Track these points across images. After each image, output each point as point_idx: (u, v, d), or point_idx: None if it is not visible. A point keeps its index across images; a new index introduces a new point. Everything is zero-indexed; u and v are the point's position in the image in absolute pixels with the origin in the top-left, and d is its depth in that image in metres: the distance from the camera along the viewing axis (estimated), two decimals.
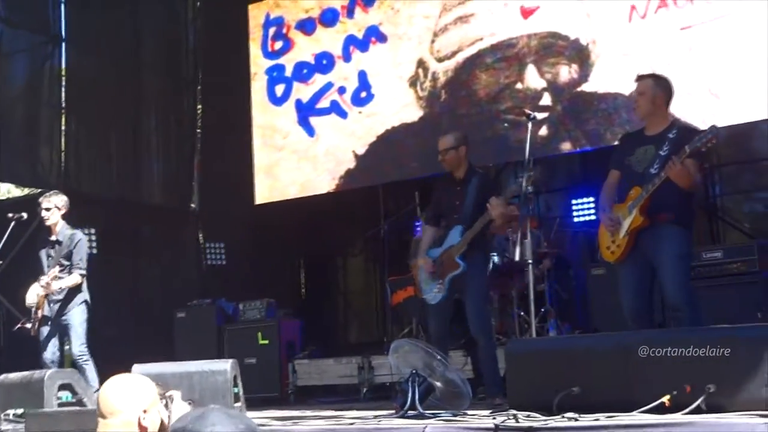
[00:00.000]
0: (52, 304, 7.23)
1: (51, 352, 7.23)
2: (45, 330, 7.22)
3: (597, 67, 8.44)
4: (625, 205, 5.29)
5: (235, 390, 5.58)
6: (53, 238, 7.38)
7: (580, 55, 8.54)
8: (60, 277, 7.17)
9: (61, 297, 7.22)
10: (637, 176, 5.29)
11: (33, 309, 7.13)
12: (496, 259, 7.62)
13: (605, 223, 5.41)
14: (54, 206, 7.38)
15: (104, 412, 3.02)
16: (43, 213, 7.39)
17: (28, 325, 7.14)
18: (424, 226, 6.69)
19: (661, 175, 5.09)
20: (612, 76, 8.30)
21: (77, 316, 7.22)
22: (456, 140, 6.33)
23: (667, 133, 5.28)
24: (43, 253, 7.41)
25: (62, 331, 7.26)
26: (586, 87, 8.50)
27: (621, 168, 5.47)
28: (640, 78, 5.49)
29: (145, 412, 3.02)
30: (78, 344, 7.16)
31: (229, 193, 10.58)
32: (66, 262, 7.24)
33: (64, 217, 7.44)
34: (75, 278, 7.20)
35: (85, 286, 7.32)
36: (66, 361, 7.81)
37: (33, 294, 7.18)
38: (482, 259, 6.28)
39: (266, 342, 8.52)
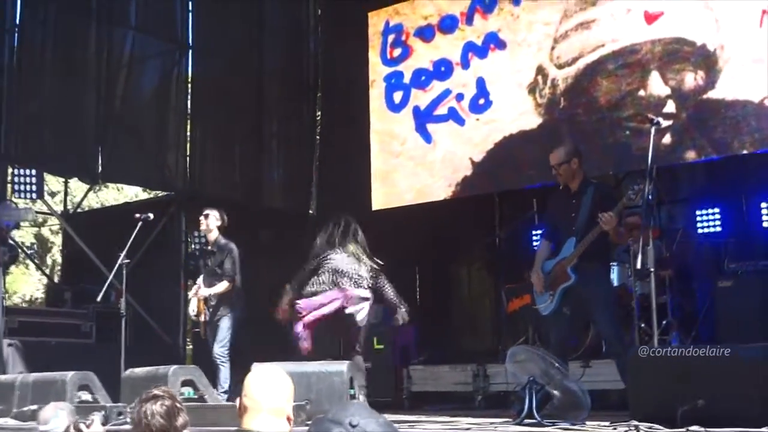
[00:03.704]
0: (210, 308, 7.80)
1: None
2: (209, 331, 7.83)
3: (725, 73, 8.17)
4: None
5: (351, 392, 5.61)
6: (210, 248, 7.95)
7: (706, 61, 8.29)
8: (212, 285, 7.76)
9: (214, 303, 7.78)
10: None
11: (196, 315, 7.83)
12: (616, 269, 7.46)
13: None
14: (212, 217, 7.92)
15: (256, 397, 3.15)
16: (202, 225, 7.97)
17: (199, 330, 7.96)
18: (541, 240, 6.61)
19: None
20: (741, 83, 8.02)
21: (225, 321, 7.76)
22: (566, 154, 6.24)
23: None
24: (202, 261, 8.03)
25: (213, 334, 7.78)
26: (712, 94, 8.24)
27: None
28: None
29: (290, 404, 3.17)
30: (219, 346, 7.67)
31: (347, 198, 10.66)
32: (219, 270, 7.77)
33: (220, 229, 7.93)
34: (223, 285, 7.73)
35: (240, 295, 7.87)
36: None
37: (193, 304, 7.86)
38: (600, 270, 6.13)
39: (381, 347, 8.56)
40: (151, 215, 7.78)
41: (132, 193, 14.97)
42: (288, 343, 9.28)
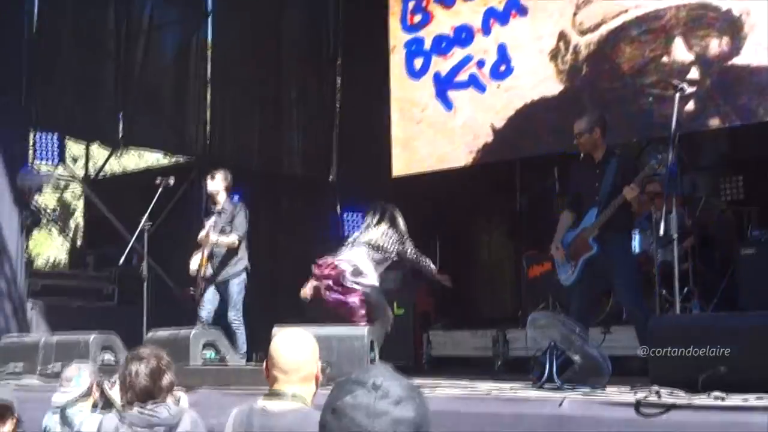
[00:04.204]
0: (215, 266, 7.63)
1: (207, 311, 7.61)
2: (207, 290, 7.64)
3: (750, 39, 8.03)
4: None
5: (372, 355, 5.64)
6: (218, 208, 7.78)
7: (731, 27, 8.15)
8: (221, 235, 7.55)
9: (222, 259, 7.61)
10: None
11: (197, 273, 7.55)
12: (637, 237, 7.44)
13: None
14: (219, 178, 7.80)
15: (287, 368, 3.14)
16: (210, 185, 7.83)
17: (193, 292, 7.64)
18: (563, 211, 6.58)
19: None
20: (766, 49, 7.90)
21: (236, 284, 7.62)
22: (589, 123, 6.20)
23: None
24: (209, 222, 7.74)
25: (219, 294, 7.64)
26: (737, 60, 8.11)
27: None
28: None
29: (317, 364, 3.19)
30: (233, 311, 7.56)
31: (367, 165, 10.66)
32: (228, 228, 7.62)
33: (227, 190, 7.82)
34: (232, 238, 7.58)
35: (244, 252, 7.68)
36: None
37: (196, 260, 7.60)
38: (622, 238, 6.11)
39: (401, 311, 8.56)
40: (172, 180, 7.77)
41: (153, 158, 15.02)
42: (305, 310, 9.38)
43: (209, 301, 7.61)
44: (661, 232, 5.32)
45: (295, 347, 3.19)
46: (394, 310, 8.24)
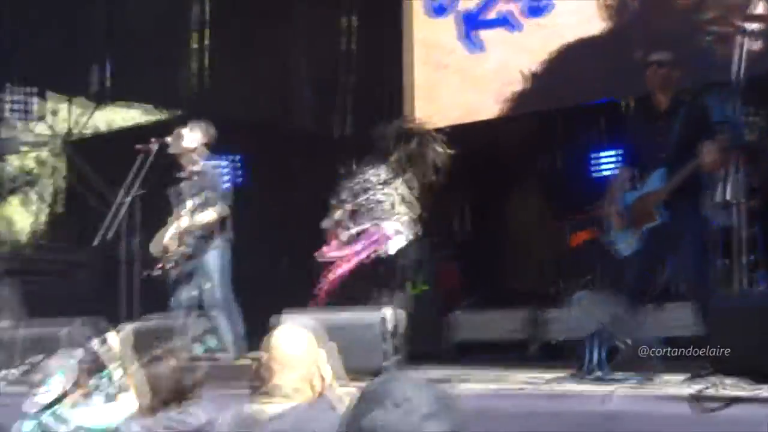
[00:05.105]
0: (191, 241, 7.24)
1: (185, 296, 7.24)
2: (183, 269, 7.25)
3: None
4: None
5: (385, 346, 5.58)
6: (192, 169, 7.33)
7: None
8: (196, 213, 7.15)
9: (200, 233, 7.22)
10: None
11: (163, 254, 7.18)
12: None
13: None
14: (188, 135, 7.38)
15: (284, 363, 3.25)
16: (174, 141, 7.35)
17: (168, 267, 7.21)
18: (620, 166, 6.43)
19: None
20: None
21: (217, 259, 7.22)
22: (673, 57, 6.07)
23: None
24: (175, 190, 7.41)
25: (199, 274, 7.27)
26: None
27: None
28: None
29: (320, 364, 3.30)
30: (220, 290, 7.16)
31: (385, 117, 10.54)
32: (199, 200, 7.14)
33: (206, 147, 7.42)
34: (210, 215, 7.16)
35: (228, 224, 7.32)
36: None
37: (159, 240, 7.23)
38: (693, 205, 5.94)
39: (423, 289, 8.48)
40: (155, 145, 7.36)
41: (129, 115, 14.94)
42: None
43: (189, 286, 7.24)
44: (728, 195, 5.17)
45: (296, 341, 3.33)
46: (413, 287, 8.18)
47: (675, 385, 4.65)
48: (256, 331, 8.27)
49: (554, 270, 9.96)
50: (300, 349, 3.30)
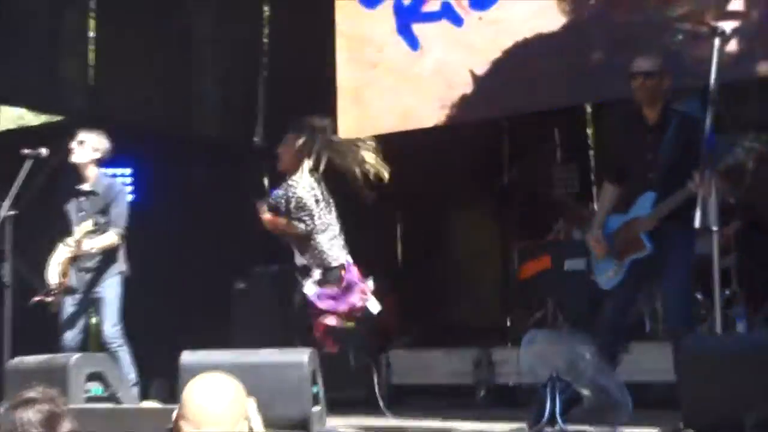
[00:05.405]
0: (80, 272, 7.42)
1: (75, 332, 7.43)
2: (69, 303, 7.42)
3: None
4: None
5: (315, 389, 5.62)
6: (86, 187, 7.53)
7: None
8: (93, 235, 7.29)
9: (92, 264, 7.40)
10: None
11: (57, 279, 7.29)
12: None
13: None
14: (90, 145, 7.53)
15: (200, 420, 3.13)
16: (75, 151, 7.54)
17: (50, 299, 7.30)
18: (604, 184, 6.59)
19: None
20: None
21: (112, 289, 7.42)
22: (658, 65, 6.26)
23: None
24: (72, 206, 7.56)
25: (91, 307, 7.48)
26: None
27: None
28: None
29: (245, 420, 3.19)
30: (111, 324, 7.35)
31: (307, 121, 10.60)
32: (101, 219, 7.37)
33: (101, 163, 7.59)
34: (111, 237, 7.36)
35: (122, 253, 7.50)
36: (92, 343, 8.00)
37: (55, 263, 7.31)
38: (685, 236, 6.02)
39: (351, 325, 8.53)
40: (44, 150, 7.47)
41: (15, 114, 14.81)
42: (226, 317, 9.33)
43: (78, 321, 7.44)
44: (697, 223, 5.32)
45: (220, 392, 3.20)
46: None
47: None
48: (151, 376, 8.36)
49: (503, 303, 10.10)
50: (225, 402, 3.17)
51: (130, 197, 7.76)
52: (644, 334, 7.51)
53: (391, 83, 10.16)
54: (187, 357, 5.72)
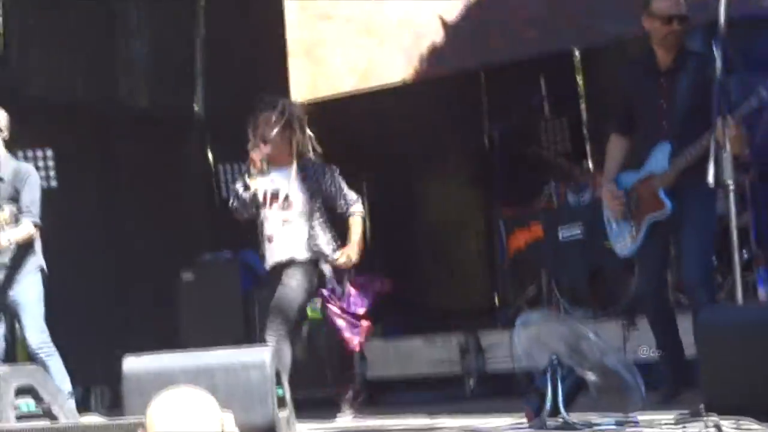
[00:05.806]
0: None
1: None
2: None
3: None
4: None
5: (279, 392, 5.61)
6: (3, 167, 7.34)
7: None
8: (8, 227, 7.12)
9: (5, 260, 7.28)
10: None
11: None
12: None
13: None
14: None
15: None
16: None
17: None
18: (612, 136, 6.60)
19: None
20: None
21: (32, 291, 7.31)
22: (687, 6, 6.23)
23: None
24: None
25: (9, 313, 7.36)
26: None
27: None
28: None
29: None
30: (37, 330, 7.26)
31: (251, 89, 10.54)
32: (13, 208, 7.15)
33: (5, 143, 7.42)
34: (27, 228, 7.18)
35: (38, 246, 7.38)
36: (20, 354, 7.96)
37: None
38: (705, 191, 6.02)
39: (318, 314, 8.53)
40: None
41: None
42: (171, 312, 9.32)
43: None
44: (710, 179, 5.32)
45: (188, 415, 3.27)
46: (308, 312, 8.24)
47: (661, 428, 4.77)
48: (89, 385, 8.34)
49: (490, 280, 10.11)
50: (197, 423, 3.26)
51: (40, 181, 7.58)
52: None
53: (351, 36, 10.17)
54: (131, 363, 5.67)
